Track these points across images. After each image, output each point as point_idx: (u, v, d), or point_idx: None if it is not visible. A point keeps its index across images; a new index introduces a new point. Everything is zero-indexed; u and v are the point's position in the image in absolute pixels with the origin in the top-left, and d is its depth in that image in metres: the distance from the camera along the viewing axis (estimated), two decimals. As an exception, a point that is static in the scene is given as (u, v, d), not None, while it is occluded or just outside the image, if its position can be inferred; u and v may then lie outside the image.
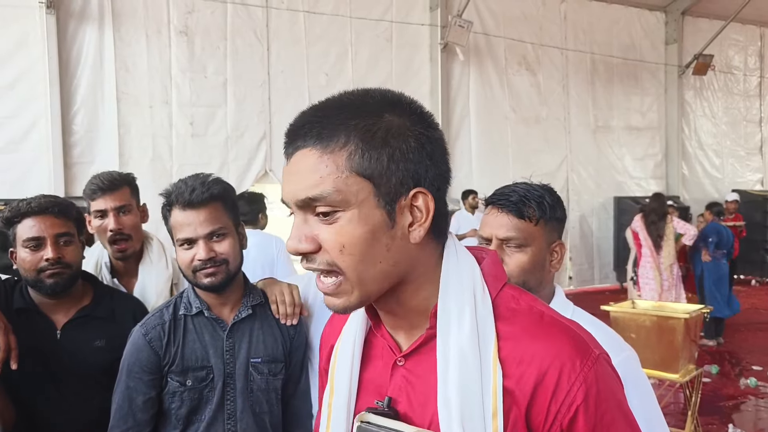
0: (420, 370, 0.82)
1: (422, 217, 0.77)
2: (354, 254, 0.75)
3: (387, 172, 0.75)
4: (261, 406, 1.59)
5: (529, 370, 0.75)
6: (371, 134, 0.75)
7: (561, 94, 9.09)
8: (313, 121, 0.76)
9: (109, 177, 2.12)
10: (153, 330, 1.56)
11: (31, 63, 5.80)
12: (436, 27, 7.84)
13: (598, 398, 0.75)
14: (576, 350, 0.76)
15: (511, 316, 0.80)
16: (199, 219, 1.50)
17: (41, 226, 1.70)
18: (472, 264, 0.83)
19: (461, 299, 0.79)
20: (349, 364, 0.87)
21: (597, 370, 0.76)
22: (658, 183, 10.00)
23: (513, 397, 0.75)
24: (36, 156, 5.83)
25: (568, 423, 0.74)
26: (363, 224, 0.75)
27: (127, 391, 1.54)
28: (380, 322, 0.87)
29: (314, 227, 0.76)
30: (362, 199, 0.74)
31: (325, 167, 0.74)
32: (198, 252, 1.50)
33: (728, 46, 10.73)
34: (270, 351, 1.61)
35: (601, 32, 9.40)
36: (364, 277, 0.76)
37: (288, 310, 1.65)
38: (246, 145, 6.81)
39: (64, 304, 1.77)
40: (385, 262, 0.77)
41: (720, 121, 10.82)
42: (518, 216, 1.33)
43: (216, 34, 6.68)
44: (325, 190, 0.74)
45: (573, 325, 0.81)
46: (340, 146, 0.74)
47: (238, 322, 1.60)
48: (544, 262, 1.36)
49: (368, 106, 0.77)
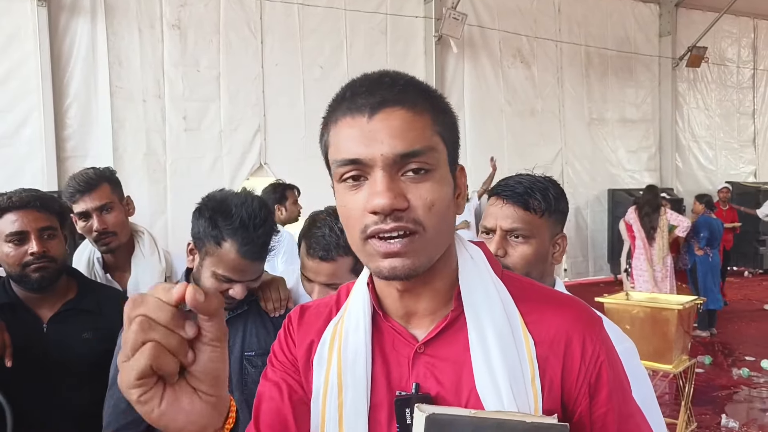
0: (444, 353, 0.84)
1: (461, 190, 0.85)
2: (439, 213, 0.78)
3: (453, 141, 0.83)
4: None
5: (557, 336, 0.83)
6: (440, 107, 0.82)
7: (555, 86, 9.09)
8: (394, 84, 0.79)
9: (86, 177, 2.08)
10: None
11: (24, 57, 5.75)
12: (430, 19, 7.82)
13: (611, 353, 0.85)
14: (590, 316, 0.87)
15: (521, 292, 0.87)
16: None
17: (24, 221, 1.68)
18: (479, 249, 0.89)
19: (482, 279, 0.85)
20: (363, 360, 0.86)
21: (604, 332, 0.87)
22: (652, 175, 10.03)
23: (548, 361, 0.83)
24: (29, 150, 5.79)
25: (595, 378, 0.82)
26: (446, 185, 0.80)
27: None
28: (388, 315, 0.87)
29: (402, 185, 0.77)
30: (443, 161, 0.80)
31: (420, 126, 0.77)
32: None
33: (722, 38, 10.75)
34: (263, 344, 1.61)
35: (596, 25, 9.39)
36: (439, 239, 0.80)
37: (276, 305, 1.67)
38: (240, 139, 6.78)
39: (49, 299, 1.76)
40: (451, 225, 0.82)
41: (713, 113, 10.85)
42: (524, 207, 1.33)
43: (209, 28, 6.63)
44: (424, 145, 0.77)
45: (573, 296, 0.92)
46: (424, 110, 0.79)
47: (233, 318, 1.60)
48: (547, 254, 1.36)
49: (425, 86, 0.83)
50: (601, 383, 0.82)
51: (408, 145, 0.75)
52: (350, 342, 0.88)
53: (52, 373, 1.69)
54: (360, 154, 0.76)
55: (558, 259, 1.39)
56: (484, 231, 1.38)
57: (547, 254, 1.36)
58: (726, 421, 4.22)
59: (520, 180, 1.36)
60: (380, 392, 0.85)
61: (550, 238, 1.36)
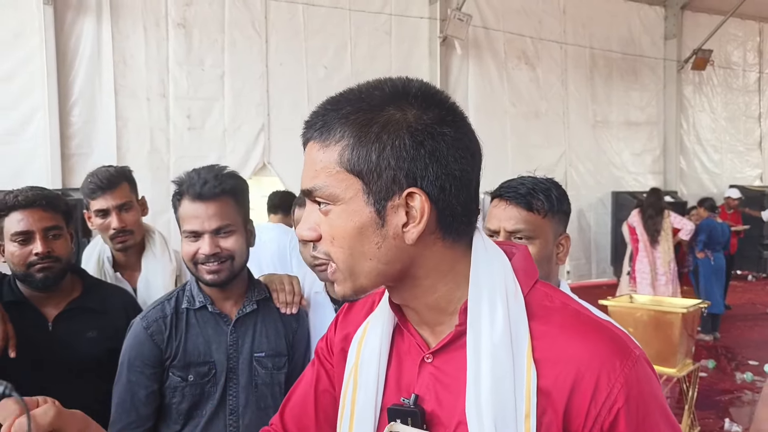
0: (449, 368, 0.79)
1: (416, 218, 0.74)
2: (343, 247, 0.76)
3: (377, 170, 0.73)
4: (266, 400, 1.57)
5: (566, 371, 0.72)
6: (365, 130, 0.73)
7: (560, 88, 9.07)
8: (321, 113, 0.78)
9: (107, 175, 2.08)
10: (154, 323, 1.54)
11: (29, 55, 5.76)
12: (435, 20, 7.81)
13: (639, 400, 0.72)
14: (616, 350, 0.73)
15: (546, 314, 0.77)
16: (208, 213, 1.47)
17: (29, 220, 1.67)
18: (503, 259, 0.80)
19: (493, 295, 0.76)
20: (377, 361, 0.85)
21: (638, 371, 0.73)
22: (656, 178, 10.00)
23: (549, 398, 0.72)
24: (34, 147, 5.81)
25: (609, 426, 0.71)
26: (350, 220, 0.75)
27: (129, 385, 1.51)
28: (406, 319, 0.85)
29: (317, 218, 0.78)
30: (351, 195, 0.74)
31: (320, 161, 0.76)
32: (203, 246, 1.48)
33: (727, 42, 10.71)
34: (273, 345, 1.60)
35: (601, 27, 9.37)
36: (355, 271, 0.77)
37: (288, 298, 1.64)
38: (244, 138, 6.78)
39: (54, 297, 1.76)
40: (376, 259, 0.76)
41: (719, 117, 10.81)
42: (527, 208, 1.33)
43: (214, 27, 6.64)
44: (317, 183, 0.76)
45: (610, 324, 0.78)
46: (335, 141, 0.75)
47: (242, 317, 1.58)
48: (551, 255, 1.36)
49: (373, 99, 0.75)
50: None
51: (306, 182, 0.78)
52: (370, 341, 0.88)
53: (56, 372, 1.68)
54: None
55: (562, 259, 1.38)
56: (488, 233, 1.37)
57: (551, 255, 1.36)
58: (729, 426, 4.20)
59: (522, 181, 1.36)
60: (392, 397, 0.84)
61: (553, 239, 1.36)
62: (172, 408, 1.52)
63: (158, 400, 1.53)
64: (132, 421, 1.50)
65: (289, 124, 6.92)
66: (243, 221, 1.55)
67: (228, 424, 1.53)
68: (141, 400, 1.51)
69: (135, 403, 1.51)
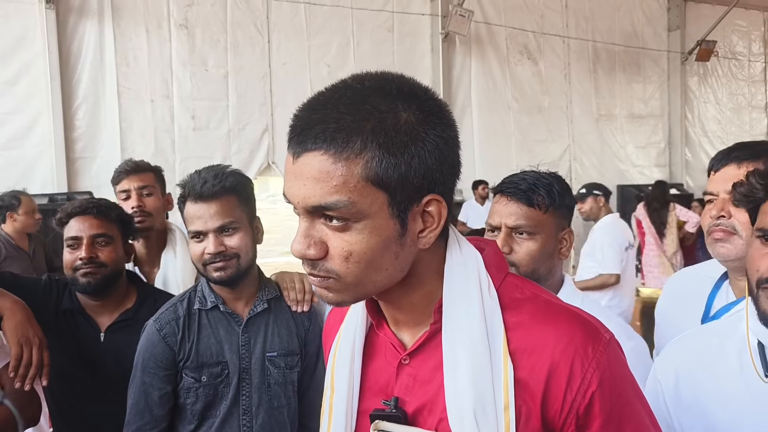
0: (427, 367, 0.79)
1: (434, 223, 0.74)
2: (360, 263, 0.71)
3: (404, 181, 0.70)
4: (279, 399, 1.57)
5: (541, 360, 0.74)
6: (389, 140, 0.69)
7: (563, 82, 9.03)
8: (325, 119, 0.70)
9: (134, 162, 2.24)
10: (167, 325, 1.54)
11: (32, 59, 5.79)
12: (437, 17, 7.79)
13: (612, 383, 0.74)
14: (587, 336, 0.75)
15: (517, 305, 0.78)
16: (210, 212, 1.48)
17: (80, 227, 1.75)
18: (476, 256, 0.80)
19: (468, 292, 0.77)
20: (349, 363, 0.84)
21: (609, 355, 0.75)
22: (662, 171, 9.96)
23: (526, 387, 0.74)
24: (39, 151, 5.83)
25: (584, 409, 0.73)
26: (375, 235, 0.70)
27: (143, 387, 1.53)
28: (382, 320, 0.84)
29: (322, 233, 0.72)
30: (376, 209, 0.70)
31: (340, 175, 0.68)
32: (207, 245, 1.49)
33: (731, 32, 10.63)
34: (285, 344, 1.60)
35: (603, 20, 9.32)
36: (363, 283, 0.73)
37: (299, 296, 1.64)
38: (248, 138, 6.80)
39: (107, 306, 1.80)
40: (392, 269, 0.74)
41: (725, 108, 10.74)
42: (528, 204, 1.33)
43: (216, 27, 6.65)
44: (339, 200, 0.68)
45: (580, 311, 0.79)
46: (356, 153, 0.68)
47: (254, 317, 1.58)
48: (553, 250, 1.36)
49: (384, 104, 0.70)
50: (592, 415, 0.73)
51: (317, 198, 0.69)
52: (342, 346, 0.87)
53: (109, 380, 1.72)
54: (287, 192, 0.73)
55: (565, 254, 1.38)
56: (489, 229, 1.38)
57: (553, 250, 1.36)
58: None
59: (523, 177, 1.36)
60: (369, 400, 0.83)
61: (556, 234, 1.36)
62: (186, 409, 1.53)
63: (172, 401, 1.54)
64: (146, 422, 1.51)
65: (292, 124, 6.93)
66: (248, 219, 1.55)
67: (242, 423, 1.54)
68: (155, 401, 1.52)
69: (149, 404, 1.52)
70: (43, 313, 1.66)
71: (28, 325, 1.53)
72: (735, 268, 1.35)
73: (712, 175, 1.40)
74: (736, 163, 1.34)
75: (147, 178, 2.21)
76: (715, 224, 1.33)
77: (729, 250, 1.31)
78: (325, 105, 0.72)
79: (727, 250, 1.31)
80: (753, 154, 1.33)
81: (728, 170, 1.35)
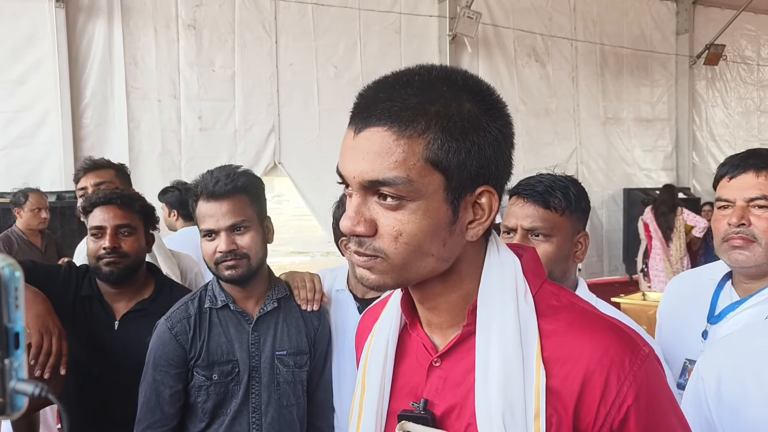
0: (457, 370, 0.78)
1: (484, 215, 0.74)
2: (409, 244, 0.71)
3: (461, 167, 0.71)
4: (288, 398, 1.58)
5: (575, 369, 0.72)
6: (452, 125, 0.70)
7: (570, 85, 9.02)
8: (392, 98, 0.71)
9: (92, 159, 2.26)
10: (179, 324, 1.56)
11: (41, 58, 5.82)
12: (444, 18, 7.79)
13: (649, 398, 0.71)
14: (624, 347, 0.72)
15: (553, 313, 0.77)
16: (222, 211, 1.50)
17: (105, 216, 1.77)
18: (514, 260, 0.79)
19: (504, 296, 0.75)
20: (382, 363, 0.83)
21: (647, 369, 0.72)
22: (669, 174, 9.92)
23: (559, 397, 0.72)
24: (47, 149, 5.86)
25: (618, 424, 0.71)
26: (427, 217, 0.71)
27: (154, 384, 1.54)
28: (416, 320, 0.83)
29: (374, 210, 0.72)
30: (432, 191, 0.70)
31: (401, 152, 0.69)
32: (219, 244, 1.50)
33: (740, 36, 10.59)
34: (295, 343, 1.61)
35: (611, 23, 9.30)
36: (409, 266, 0.72)
37: (309, 295, 1.65)
38: (255, 139, 6.81)
39: (125, 294, 1.83)
40: (438, 256, 0.73)
41: (733, 112, 10.69)
42: (544, 206, 1.33)
43: (224, 28, 6.67)
44: (398, 176, 0.69)
45: (618, 322, 0.77)
46: (419, 133, 0.70)
47: (264, 316, 1.59)
48: (568, 253, 1.36)
49: (450, 92, 0.72)
50: (627, 430, 0.70)
51: (377, 173, 0.70)
52: (376, 346, 0.87)
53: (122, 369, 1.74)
54: (341, 168, 0.74)
55: (580, 257, 1.38)
56: (505, 231, 1.37)
57: (568, 253, 1.36)
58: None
59: (540, 179, 1.36)
60: (399, 401, 0.83)
61: (571, 237, 1.36)
62: (197, 407, 1.55)
63: (183, 399, 1.55)
64: (157, 419, 1.53)
65: (299, 124, 6.94)
66: (259, 218, 1.56)
67: (251, 422, 1.55)
68: (166, 399, 1.53)
69: (160, 402, 1.53)
70: (62, 301, 1.70)
71: (48, 316, 1.56)
72: (748, 274, 1.36)
73: (726, 181, 1.40)
74: (755, 171, 1.34)
75: (106, 174, 2.22)
76: (734, 231, 1.34)
77: (748, 258, 1.32)
78: (392, 86, 0.72)
79: (745, 258, 1.33)
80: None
81: (746, 178, 1.35)
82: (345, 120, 0.77)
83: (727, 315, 1.36)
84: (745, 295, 1.36)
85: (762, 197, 1.31)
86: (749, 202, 1.31)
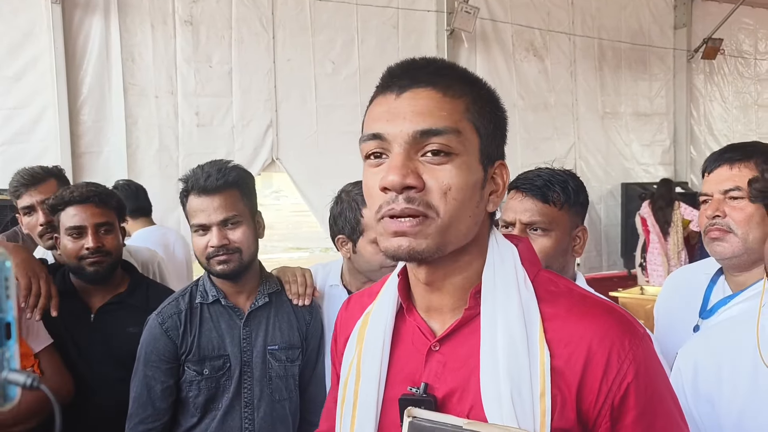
0: (457, 354, 0.80)
1: (499, 188, 0.81)
2: (456, 199, 0.75)
3: (491, 135, 0.80)
4: (281, 393, 1.59)
5: (578, 350, 0.75)
6: (481, 98, 0.80)
7: (569, 80, 9.01)
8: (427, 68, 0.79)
9: (31, 172, 2.14)
10: (170, 319, 1.56)
11: (38, 54, 5.79)
12: (442, 13, 7.78)
13: (647, 376, 0.76)
14: (624, 329, 0.77)
15: (553, 298, 0.80)
16: (213, 205, 1.50)
17: (83, 215, 1.76)
18: (512, 248, 0.83)
19: (506, 280, 0.79)
20: (380, 351, 0.85)
21: (645, 348, 0.77)
22: (667, 169, 9.93)
23: (562, 376, 0.75)
24: (45, 146, 5.84)
25: (619, 400, 0.74)
26: (469, 173, 0.76)
27: (146, 380, 1.55)
28: (412, 306, 0.85)
29: (419, 167, 0.75)
30: (471, 150, 0.77)
31: (449, 108, 0.76)
32: (211, 239, 1.50)
33: (738, 30, 10.59)
34: (287, 338, 1.62)
35: (609, 17, 9.29)
36: (454, 226, 0.76)
37: (300, 290, 1.66)
38: (252, 134, 6.79)
39: (101, 290, 1.85)
40: (474, 218, 0.78)
41: (731, 106, 10.70)
42: (543, 200, 1.34)
43: (221, 23, 6.65)
44: (447, 125, 0.75)
45: (615, 306, 0.82)
46: (459, 95, 0.77)
47: (255, 310, 1.60)
48: (567, 247, 1.37)
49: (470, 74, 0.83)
50: (627, 406, 0.74)
51: (430, 123, 0.74)
52: (372, 332, 0.87)
53: (98, 361, 1.75)
54: (381, 129, 0.76)
55: (579, 251, 1.40)
56: (503, 225, 1.38)
57: (567, 247, 1.37)
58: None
59: (539, 173, 1.37)
60: (395, 387, 0.84)
61: (570, 231, 1.37)
62: (189, 401, 1.55)
63: (174, 394, 1.56)
64: (149, 414, 1.53)
65: (297, 120, 6.93)
66: (250, 213, 1.57)
67: (244, 416, 1.55)
68: (157, 394, 1.53)
69: (152, 397, 1.53)
70: None
71: (34, 261, 1.58)
72: (731, 266, 1.39)
73: (706, 176, 1.45)
74: (729, 164, 1.38)
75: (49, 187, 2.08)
76: (711, 224, 1.38)
77: (725, 248, 1.35)
78: (422, 62, 0.81)
79: (723, 248, 1.36)
80: (745, 155, 1.36)
81: (722, 171, 1.39)
82: (343, 115, 0.79)
83: (718, 310, 1.40)
84: (738, 290, 1.39)
85: (735, 188, 1.34)
86: (725, 194, 1.35)
